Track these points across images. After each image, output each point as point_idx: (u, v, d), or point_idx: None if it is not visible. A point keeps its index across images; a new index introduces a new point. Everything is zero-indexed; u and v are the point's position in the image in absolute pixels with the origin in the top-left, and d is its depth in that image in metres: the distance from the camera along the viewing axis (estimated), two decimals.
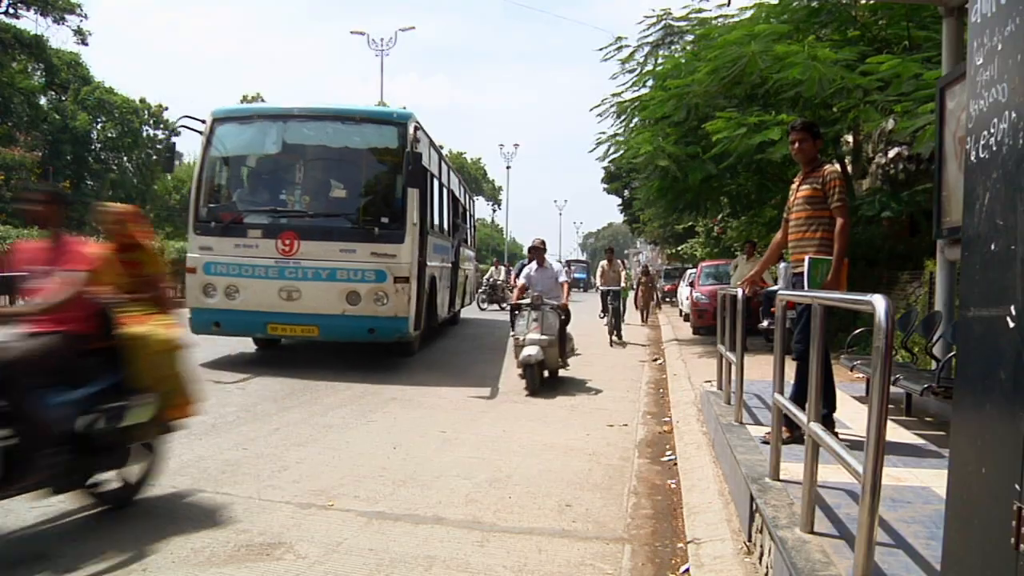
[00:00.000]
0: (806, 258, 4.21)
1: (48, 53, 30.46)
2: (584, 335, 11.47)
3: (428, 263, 9.52)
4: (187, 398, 3.83)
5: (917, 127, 7.14)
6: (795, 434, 4.11)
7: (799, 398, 4.27)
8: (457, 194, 14.02)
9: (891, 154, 9.87)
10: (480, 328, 14.94)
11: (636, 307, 19.60)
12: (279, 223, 8.34)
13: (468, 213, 16.77)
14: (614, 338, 13.09)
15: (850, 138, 11.88)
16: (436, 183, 11.08)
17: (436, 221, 10.99)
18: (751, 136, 9.15)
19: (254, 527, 3.51)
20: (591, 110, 17.20)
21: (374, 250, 8.15)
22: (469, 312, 17.64)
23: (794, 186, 4.53)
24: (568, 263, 55.99)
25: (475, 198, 18.85)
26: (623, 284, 13.97)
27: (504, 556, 3.29)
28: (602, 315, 14.24)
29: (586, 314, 16.14)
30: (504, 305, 28.15)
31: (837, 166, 4.41)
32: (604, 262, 14.30)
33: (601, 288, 14.13)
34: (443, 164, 12.26)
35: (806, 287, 4.19)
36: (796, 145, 4.44)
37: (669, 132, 11.22)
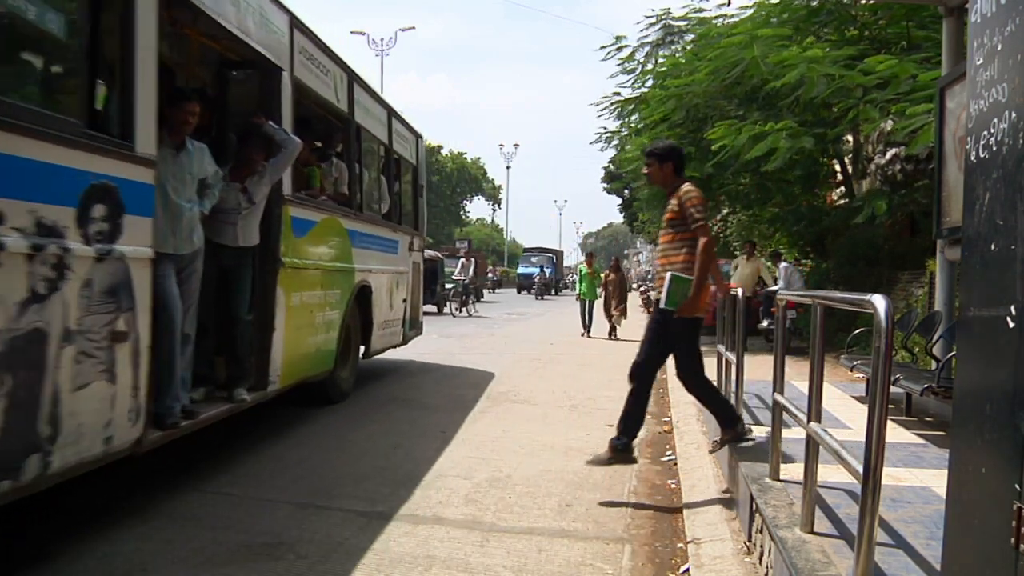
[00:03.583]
0: (667, 274, 4.07)
1: None
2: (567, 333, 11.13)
3: None
4: None
5: (913, 128, 7.16)
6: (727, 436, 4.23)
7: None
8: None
9: (888, 155, 9.88)
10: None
11: (605, 312, 15.10)
12: None
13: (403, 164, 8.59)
14: None
15: (850, 137, 11.90)
16: None
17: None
18: (750, 147, 9.17)
19: (254, 527, 3.51)
20: (591, 105, 17.22)
21: None
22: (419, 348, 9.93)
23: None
24: (526, 252, 43.46)
25: (421, 138, 9.40)
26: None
27: (504, 556, 3.29)
28: None
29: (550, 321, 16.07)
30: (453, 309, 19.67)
31: (692, 185, 4.16)
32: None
33: None
34: None
35: (663, 303, 4.05)
36: (645, 170, 4.36)
37: (667, 136, 11.24)
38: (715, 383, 6.58)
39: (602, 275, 15.54)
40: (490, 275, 38.63)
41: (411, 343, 8.86)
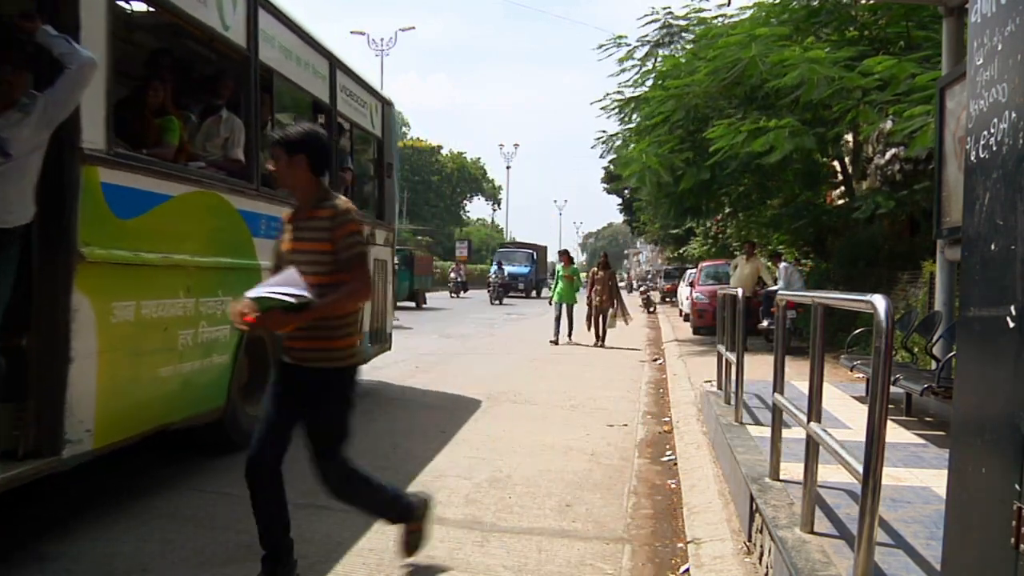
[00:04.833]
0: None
1: None
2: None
3: None
4: None
5: (912, 129, 7.16)
6: None
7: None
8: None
9: (888, 155, 9.90)
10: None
11: (588, 320, 13.03)
12: None
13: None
14: None
15: (850, 138, 11.91)
16: None
17: None
18: (749, 142, 9.18)
19: (254, 527, 3.50)
20: (592, 103, 17.23)
21: None
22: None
23: (287, 222, 2.88)
24: (502, 248, 37.34)
25: (390, 104, 7.48)
26: None
27: (504, 556, 3.29)
28: None
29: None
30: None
31: (350, 205, 2.79)
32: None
33: None
34: None
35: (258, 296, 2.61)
36: (271, 165, 2.82)
37: (665, 140, 11.23)
38: (716, 383, 6.57)
39: (583, 274, 13.25)
40: (453, 275, 32.14)
41: (411, 342, 8.71)
